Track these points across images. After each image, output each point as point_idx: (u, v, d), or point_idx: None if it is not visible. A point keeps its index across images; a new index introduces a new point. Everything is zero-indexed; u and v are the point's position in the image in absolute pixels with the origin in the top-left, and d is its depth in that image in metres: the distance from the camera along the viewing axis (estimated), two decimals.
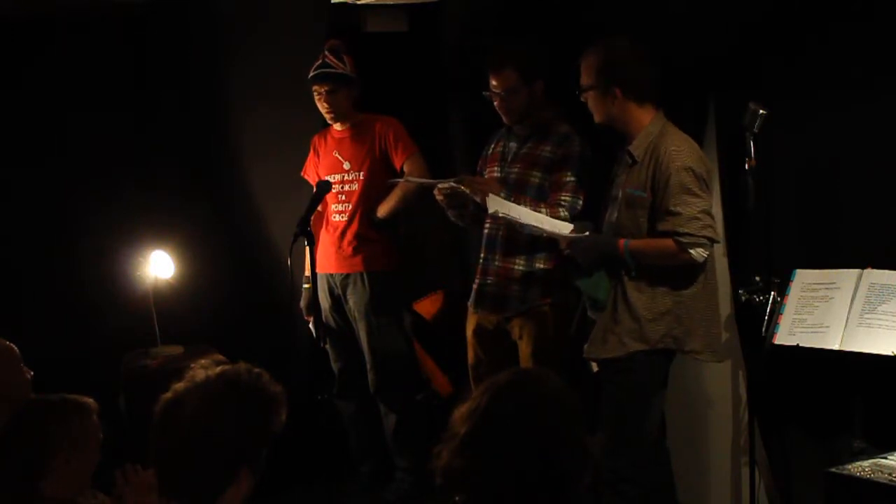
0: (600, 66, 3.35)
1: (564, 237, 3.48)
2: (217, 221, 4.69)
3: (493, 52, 3.87)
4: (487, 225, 3.89)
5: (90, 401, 2.67)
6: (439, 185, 3.80)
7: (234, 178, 4.75)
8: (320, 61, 4.22)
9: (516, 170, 3.84)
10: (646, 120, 3.39)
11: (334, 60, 4.22)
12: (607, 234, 3.44)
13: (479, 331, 3.97)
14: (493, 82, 3.80)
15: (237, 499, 1.94)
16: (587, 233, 3.46)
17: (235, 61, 4.67)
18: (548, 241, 3.67)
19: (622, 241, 3.33)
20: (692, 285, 3.35)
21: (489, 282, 3.88)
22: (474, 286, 3.95)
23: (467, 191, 3.71)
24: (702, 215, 3.25)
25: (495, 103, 3.83)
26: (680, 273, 3.33)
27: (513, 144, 3.90)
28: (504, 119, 3.89)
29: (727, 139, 3.83)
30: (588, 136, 3.79)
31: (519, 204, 3.66)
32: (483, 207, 3.67)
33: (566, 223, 3.55)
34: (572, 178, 3.75)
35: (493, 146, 4.00)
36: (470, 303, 3.99)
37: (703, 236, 3.25)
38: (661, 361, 3.41)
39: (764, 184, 3.42)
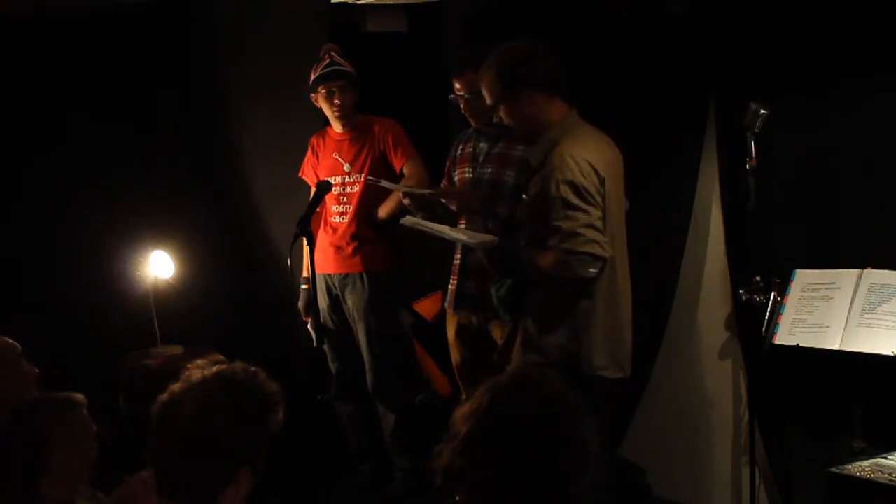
0: (503, 73, 3.22)
1: (479, 244, 3.39)
2: (217, 221, 4.69)
3: (453, 55, 3.87)
4: (462, 226, 3.88)
5: (79, 396, 2.66)
6: (414, 192, 3.82)
7: (234, 178, 4.75)
8: (328, 60, 4.22)
9: (489, 170, 3.83)
10: (554, 118, 3.22)
11: (341, 59, 4.22)
12: (517, 243, 3.32)
13: (461, 331, 3.97)
14: (457, 86, 3.81)
15: (237, 499, 1.94)
16: (495, 239, 3.36)
17: (235, 61, 4.66)
18: None
19: (523, 251, 3.22)
20: (586, 299, 3.15)
21: (468, 282, 3.86)
22: (451, 288, 3.93)
23: (443, 201, 3.74)
24: (584, 230, 3.05)
25: (461, 106, 3.84)
26: (574, 286, 3.14)
27: (483, 145, 3.89)
28: (472, 122, 3.90)
29: (727, 139, 3.84)
30: None
31: (497, 205, 3.70)
32: (456, 214, 3.76)
33: (488, 235, 3.47)
34: None
35: (461, 147, 4.00)
36: (448, 304, 3.98)
37: (585, 252, 3.05)
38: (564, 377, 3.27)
39: (764, 184, 3.42)
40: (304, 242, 3.55)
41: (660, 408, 4.22)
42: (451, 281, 3.94)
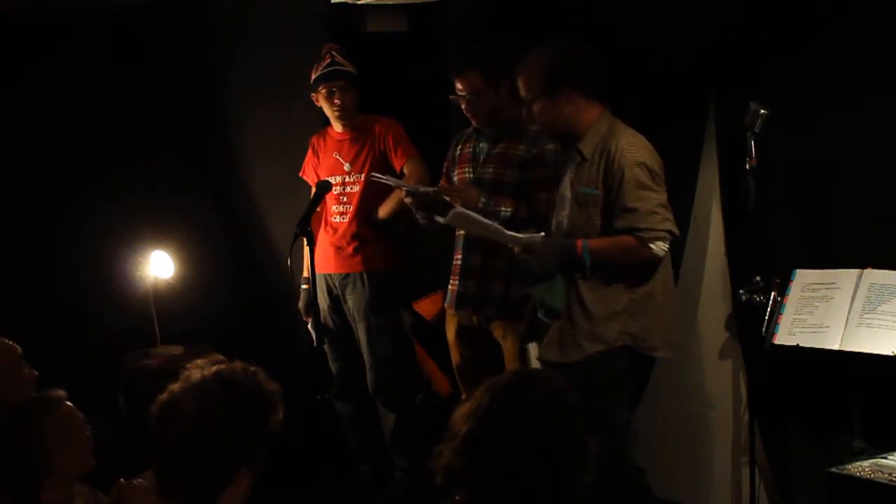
0: (546, 70, 3.29)
1: (519, 240, 3.39)
2: (217, 221, 4.69)
3: (454, 55, 3.86)
4: None
5: (59, 392, 2.65)
6: (418, 190, 3.82)
7: (234, 178, 4.75)
8: (328, 60, 4.21)
9: (490, 170, 3.83)
10: (593, 117, 3.33)
11: (342, 59, 4.22)
12: (561, 236, 3.35)
13: (461, 331, 3.97)
14: (458, 86, 3.80)
15: (236, 499, 1.94)
16: (542, 233, 3.40)
17: (235, 61, 4.67)
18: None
19: (580, 242, 3.24)
20: (647, 282, 3.28)
21: (469, 282, 3.86)
22: (452, 288, 3.93)
23: (447, 199, 3.74)
24: (659, 209, 3.20)
25: (462, 106, 3.84)
26: (634, 270, 3.25)
27: (484, 145, 3.89)
28: (473, 122, 3.89)
29: (727, 139, 3.84)
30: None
31: (499, 204, 3.70)
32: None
33: (515, 234, 3.46)
34: (551, 176, 3.74)
35: (460, 147, 4.00)
36: (448, 304, 3.97)
37: (663, 230, 3.20)
38: (620, 360, 3.31)
39: (764, 184, 3.42)
40: (305, 242, 3.55)
41: (660, 408, 4.22)
42: (452, 281, 3.94)
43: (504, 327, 3.83)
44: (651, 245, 3.19)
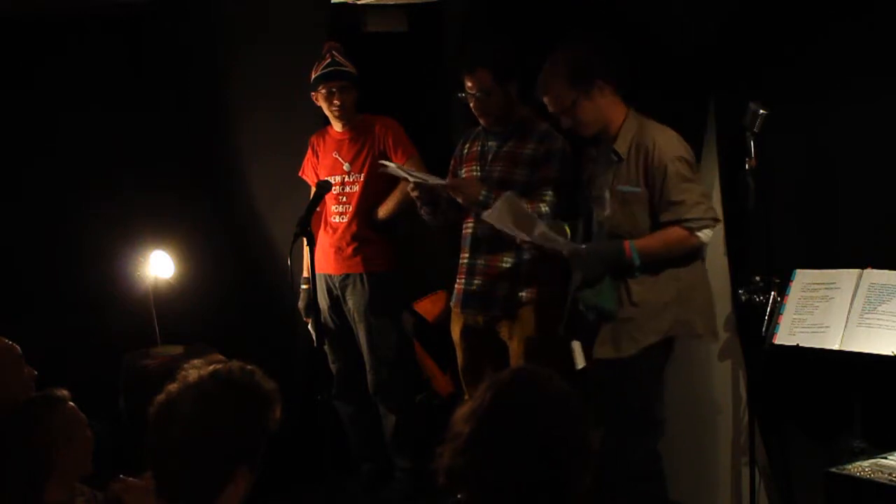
0: (576, 64, 3.34)
1: (567, 247, 3.43)
2: (217, 221, 4.70)
3: (463, 53, 3.86)
4: (469, 224, 3.88)
5: (63, 392, 2.65)
6: (429, 182, 3.81)
7: (234, 178, 4.75)
8: (329, 59, 4.21)
9: (499, 168, 3.83)
10: (622, 115, 3.41)
11: (343, 59, 4.22)
12: (604, 239, 3.40)
13: (466, 331, 3.96)
14: (468, 84, 3.80)
15: (235, 498, 1.94)
16: (563, 230, 3.47)
17: (235, 61, 4.67)
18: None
19: (627, 243, 3.31)
20: (692, 270, 3.39)
21: (475, 282, 3.86)
22: (458, 287, 3.93)
23: (453, 195, 3.74)
24: (702, 198, 3.33)
25: (471, 105, 3.83)
26: (683, 260, 3.35)
27: (492, 143, 3.89)
28: (481, 121, 3.89)
29: (727, 139, 3.83)
30: (564, 134, 3.79)
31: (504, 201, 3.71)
32: (462, 208, 3.78)
33: (559, 237, 3.50)
34: (556, 175, 3.75)
35: (468, 145, 4.00)
36: (454, 304, 3.97)
37: (709, 217, 3.32)
38: (664, 349, 3.43)
39: (764, 184, 3.42)
40: (305, 242, 3.55)
41: None
42: (458, 280, 3.93)
43: (510, 327, 3.83)
44: (699, 233, 3.30)
